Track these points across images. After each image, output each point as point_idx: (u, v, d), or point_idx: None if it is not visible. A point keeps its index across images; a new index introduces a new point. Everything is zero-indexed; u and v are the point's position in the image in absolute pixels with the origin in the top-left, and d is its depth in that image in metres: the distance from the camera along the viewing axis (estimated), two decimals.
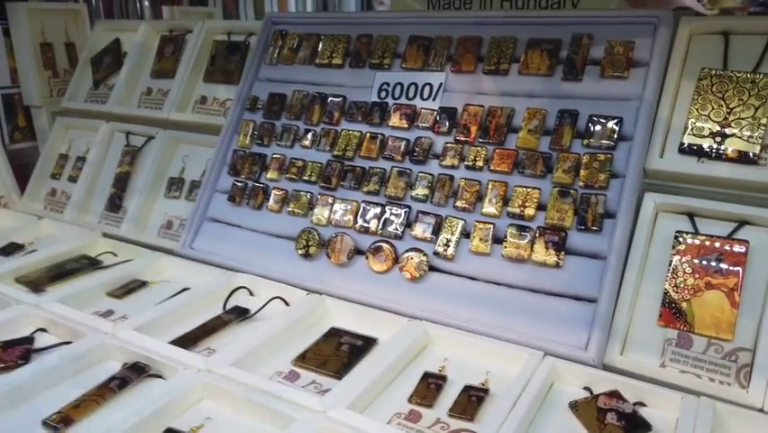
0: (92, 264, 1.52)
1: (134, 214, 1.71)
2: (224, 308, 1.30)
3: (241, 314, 1.27)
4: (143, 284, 1.43)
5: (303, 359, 1.11)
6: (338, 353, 1.13)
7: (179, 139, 1.77)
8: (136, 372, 1.05)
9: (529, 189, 1.22)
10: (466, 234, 1.24)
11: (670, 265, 1.10)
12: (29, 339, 1.16)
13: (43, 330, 1.21)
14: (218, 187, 1.60)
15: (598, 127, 1.20)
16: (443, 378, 1.05)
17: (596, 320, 1.08)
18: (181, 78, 1.82)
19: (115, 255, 1.60)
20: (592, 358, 1.06)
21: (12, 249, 1.61)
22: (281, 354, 1.14)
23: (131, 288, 1.40)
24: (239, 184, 1.55)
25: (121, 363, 1.10)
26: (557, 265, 1.14)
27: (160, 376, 1.06)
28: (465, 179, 1.28)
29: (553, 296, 1.15)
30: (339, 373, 1.07)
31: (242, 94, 1.64)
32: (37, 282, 1.41)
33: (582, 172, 1.18)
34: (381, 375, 1.03)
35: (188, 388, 1.00)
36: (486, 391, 1.02)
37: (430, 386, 1.04)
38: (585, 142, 1.20)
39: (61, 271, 1.46)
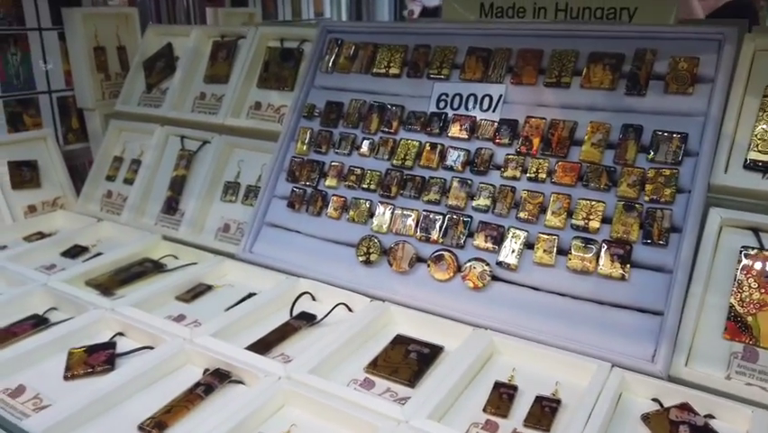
0: (156, 267, 1.57)
1: (191, 217, 1.76)
2: (291, 313, 1.34)
3: (308, 320, 1.31)
4: (209, 288, 1.47)
5: (374, 366, 1.15)
6: (407, 360, 1.17)
7: (234, 144, 1.81)
8: (219, 378, 1.09)
9: (593, 202, 1.24)
10: (529, 245, 1.27)
11: (735, 280, 1.12)
12: (111, 344, 1.21)
13: (121, 334, 1.26)
14: (276, 192, 1.64)
15: (662, 142, 1.22)
16: (514, 388, 1.09)
17: (663, 333, 1.11)
18: (235, 83, 1.85)
19: (176, 258, 1.65)
20: (660, 370, 1.08)
21: (77, 251, 1.66)
22: (352, 361, 1.18)
23: (197, 292, 1.45)
24: (297, 190, 1.59)
25: (200, 368, 1.15)
26: (622, 278, 1.17)
27: (241, 382, 1.11)
28: (528, 190, 1.31)
29: (619, 308, 1.17)
30: (411, 381, 1.11)
31: (299, 101, 1.68)
32: (107, 286, 1.46)
33: (648, 187, 1.21)
34: (455, 384, 1.07)
35: (271, 395, 1.04)
36: (558, 401, 1.05)
37: (502, 396, 1.07)
38: (650, 156, 1.23)
39: (128, 275, 1.52)
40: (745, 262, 1.12)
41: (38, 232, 1.79)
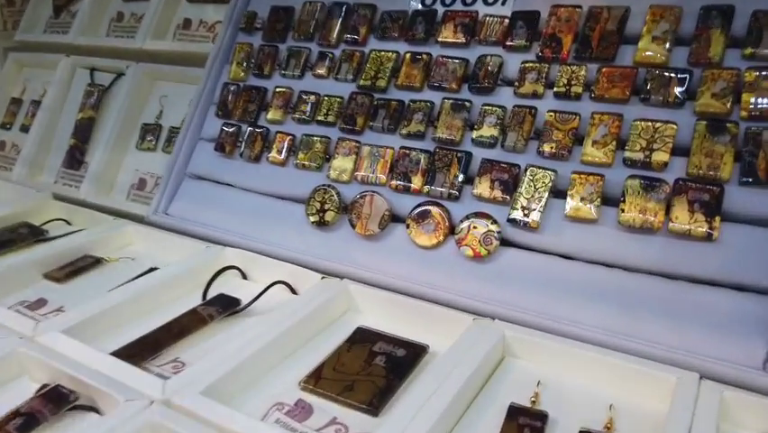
0: (33, 234, 1.13)
1: (98, 171, 1.33)
2: (204, 297, 0.91)
3: (227, 307, 0.88)
4: (96, 262, 1.04)
5: (317, 381, 0.72)
6: (370, 370, 0.74)
7: (156, 74, 1.37)
8: (54, 403, 0.66)
9: (658, 125, 0.81)
10: (558, 193, 0.84)
11: None
12: None
13: None
14: (204, 134, 1.20)
15: (767, 28, 0.79)
16: (542, 417, 0.66)
17: None
18: None
19: (69, 224, 1.22)
20: None
21: None
22: (285, 370, 0.76)
23: (78, 267, 1.02)
24: (230, 129, 1.15)
25: (39, 383, 0.72)
26: (709, 237, 0.74)
27: (93, 409, 0.68)
28: (555, 111, 0.88)
29: (704, 285, 0.74)
30: (374, 406, 0.68)
31: (236, 10, 1.23)
32: None
33: (746, 97, 0.77)
34: (445, 411, 0.64)
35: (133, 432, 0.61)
36: None
37: (523, 430, 0.64)
38: (747, 51, 0.79)
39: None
40: None
41: None
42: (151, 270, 0.98)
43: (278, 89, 1.13)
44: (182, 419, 0.63)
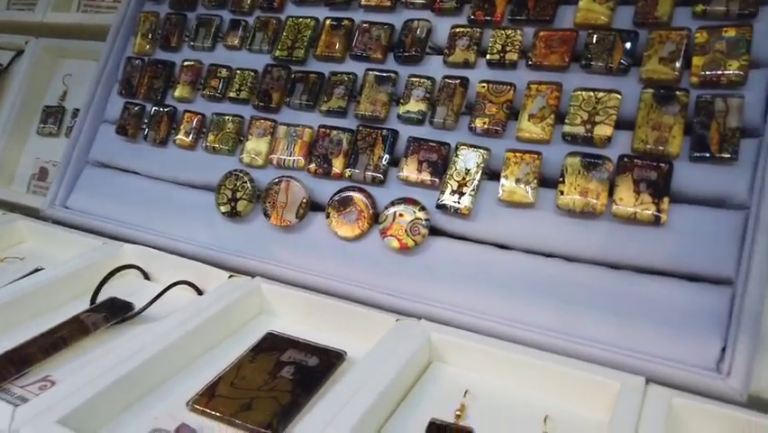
0: None
1: None
2: (93, 301, 0.79)
3: (116, 312, 0.76)
4: None
5: (209, 399, 0.61)
6: (275, 383, 0.64)
7: (60, 51, 1.24)
8: None
9: (601, 95, 0.71)
10: (492, 175, 0.74)
11: None
12: None
13: None
14: (107, 115, 1.07)
15: None
16: (467, 432, 0.57)
17: (735, 318, 0.60)
18: None
19: None
20: (735, 389, 0.58)
21: None
22: (173, 388, 0.65)
23: None
24: (133, 108, 1.02)
25: None
26: (656, 221, 0.65)
27: None
28: (488, 82, 0.78)
29: (652, 275, 0.66)
30: (272, 429, 0.58)
31: None
32: None
33: (696, 61, 0.68)
34: (354, 428, 0.54)
35: None
36: None
37: None
38: (699, 8, 0.70)
39: None
40: None
41: None
42: (36, 270, 0.86)
43: (186, 63, 1.01)
44: None
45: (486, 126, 0.76)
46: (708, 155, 0.65)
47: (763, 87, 0.66)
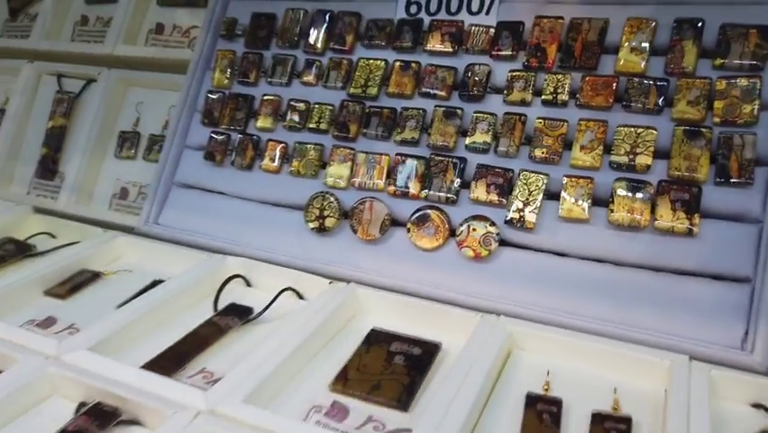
0: (21, 251, 1.12)
1: (75, 181, 1.31)
2: (216, 307, 0.93)
3: (241, 315, 0.90)
4: (95, 276, 1.04)
5: (344, 382, 0.77)
6: (392, 369, 0.79)
7: (130, 81, 1.36)
8: (101, 418, 0.68)
9: (640, 130, 0.88)
10: (551, 195, 0.91)
11: None
12: None
13: None
14: (189, 142, 1.21)
15: (734, 40, 0.87)
16: (557, 403, 0.73)
17: (755, 308, 0.78)
18: (127, 1, 1.39)
19: (53, 237, 1.20)
20: (757, 361, 0.75)
21: None
22: (311, 375, 0.80)
23: (78, 283, 1.02)
24: (218, 137, 1.16)
25: (73, 402, 0.73)
26: (689, 233, 0.82)
27: (137, 423, 0.70)
28: (544, 118, 0.94)
29: (687, 276, 0.83)
30: (402, 402, 0.73)
31: (214, 17, 1.24)
32: None
33: (717, 104, 0.86)
34: (470, 403, 0.70)
35: None
36: (627, 421, 0.70)
37: (542, 416, 0.71)
38: (717, 62, 0.87)
39: None
40: None
41: None
42: (155, 283, 0.99)
43: (265, 97, 1.15)
44: (230, 427, 0.66)
45: (544, 155, 0.93)
46: (729, 181, 0.83)
47: None
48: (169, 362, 0.79)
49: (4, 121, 1.43)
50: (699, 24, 0.90)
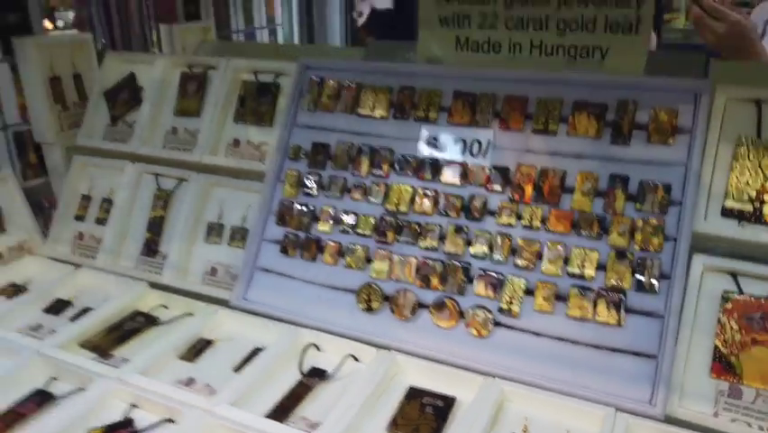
0: (149, 322, 1.54)
1: (175, 260, 1.73)
2: (301, 369, 1.37)
3: (319, 376, 1.34)
4: (209, 343, 1.47)
5: (396, 426, 1.20)
6: (424, 416, 1.22)
7: (214, 182, 1.78)
8: None
9: (587, 250, 1.32)
10: (529, 292, 1.34)
11: (718, 322, 1.23)
12: (129, 421, 1.20)
13: (135, 406, 1.25)
14: (266, 236, 1.64)
15: (648, 192, 1.31)
16: None
17: (659, 376, 1.21)
18: (209, 118, 1.82)
19: (166, 308, 1.62)
20: (659, 413, 1.19)
21: (60, 306, 1.61)
22: (372, 420, 1.22)
23: (198, 348, 1.44)
24: (289, 236, 1.59)
25: None
26: (618, 324, 1.26)
27: None
28: (524, 238, 1.38)
29: (617, 352, 1.27)
30: None
31: (283, 142, 1.67)
32: (103, 347, 1.43)
33: (637, 236, 1.29)
34: None
35: None
36: None
37: None
38: (638, 206, 1.31)
39: (122, 333, 1.49)
40: (726, 305, 1.23)
41: (11, 284, 1.72)
42: (256, 350, 1.43)
43: (324, 207, 1.58)
44: None
45: (525, 265, 1.36)
46: (644, 290, 1.26)
47: (671, 252, 1.27)
48: (282, 412, 1.23)
49: (113, 209, 1.86)
50: (627, 179, 1.33)
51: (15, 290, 1.69)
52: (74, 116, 2.05)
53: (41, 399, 1.26)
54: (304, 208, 1.60)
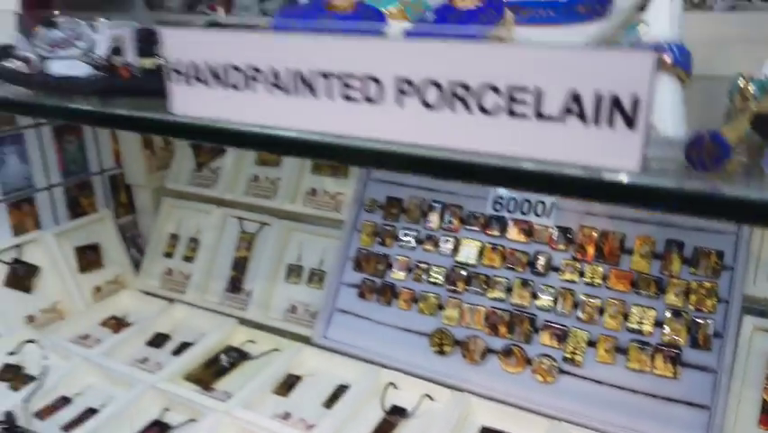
0: (241, 357, 1.72)
1: (258, 297, 1.91)
2: (383, 407, 1.53)
3: (400, 414, 1.50)
4: (298, 379, 1.64)
5: None
6: None
7: (294, 227, 1.95)
8: None
9: (645, 308, 1.46)
10: (591, 343, 1.49)
11: (766, 377, 1.36)
12: None
13: None
14: (344, 280, 1.80)
15: (702, 257, 1.45)
16: None
17: (711, 425, 1.35)
18: (289, 168, 2.00)
19: (254, 343, 1.80)
20: None
21: (160, 340, 1.80)
22: None
23: (290, 384, 1.61)
24: (367, 281, 1.76)
25: None
26: (674, 377, 1.40)
27: None
28: (586, 294, 1.52)
29: (673, 402, 1.40)
30: None
31: (359, 194, 1.84)
32: (206, 381, 1.61)
33: (692, 297, 1.43)
34: None
35: None
36: None
37: None
38: (692, 270, 1.45)
39: (220, 367, 1.67)
40: None
41: (112, 316, 1.92)
42: (341, 387, 1.59)
43: (398, 257, 1.75)
44: None
45: (586, 318, 1.51)
46: (698, 347, 1.41)
47: (723, 313, 1.41)
48: None
49: (200, 248, 2.05)
50: (682, 244, 1.48)
51: (117, 323, 1.88)
52: (161, 159, 2.25)
53: (160, 429, 1.44)
54: (379, 257, 1.77)
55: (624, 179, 0.49)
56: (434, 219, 1.73)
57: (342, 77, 0.56)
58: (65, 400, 1.54)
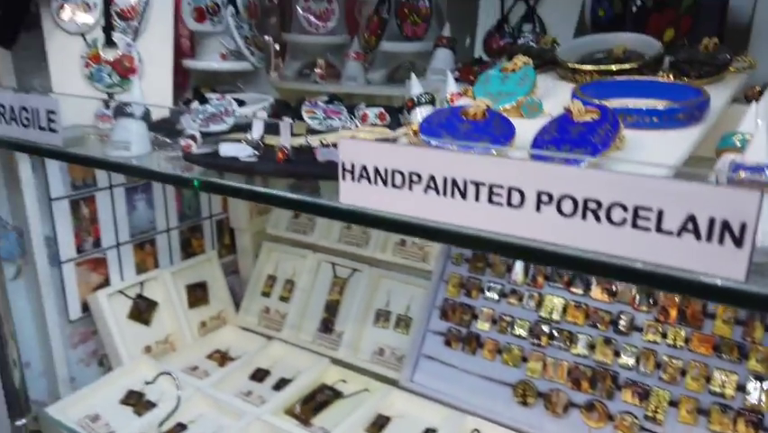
0: (335, 395, 1.86)
1: (349, 339, 2.05)
2: None
3: None
4: (388, 420, 1.76)
5: None
6: None
7: (383, 274, 2.10)
8: None
9: (727, 372, 1.52)
10: (672, 404, 1.55)
11: None
12: None
13: None
14: (430, 327, 1.93)
15: None
16: None
17: None
18: None
19: (345, 382, 1.94)
20: None
21: (261, 375, 1.96)
22: None
23: (380, 424, 1.74)
24: (452, 330, 1.88)
25: None
26: None
27: None
28: (668, 355, 1.59)
29: None
30: None
31: (446, 248, 1.97)
32: (305, 416, 1.76)
33: None
34: None
35: None
36: None
37: None
38: None
39: (316, 404, 1.82)
40: None
41: (216, 350, 2.10)
42: (429, 430, 1.71)
43: (483, 309, 1.86)
44: None
45: (669, 379, 1.57)
46: None
47: None
48: None
49: (296, 291, 2.22)
50: (765, 313, 1.53)
51: (222, 356, 2.06)
52: (262, 206, 2.45)
53: None
54: (465, 307, 1.89)
55: (731, 285, 0.61)
56: (518, 275, 1.84)
57: (491, 186, 0.70)
58: (181, 427, 1.71)
